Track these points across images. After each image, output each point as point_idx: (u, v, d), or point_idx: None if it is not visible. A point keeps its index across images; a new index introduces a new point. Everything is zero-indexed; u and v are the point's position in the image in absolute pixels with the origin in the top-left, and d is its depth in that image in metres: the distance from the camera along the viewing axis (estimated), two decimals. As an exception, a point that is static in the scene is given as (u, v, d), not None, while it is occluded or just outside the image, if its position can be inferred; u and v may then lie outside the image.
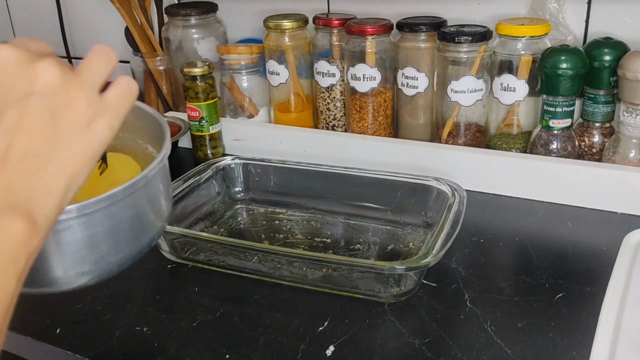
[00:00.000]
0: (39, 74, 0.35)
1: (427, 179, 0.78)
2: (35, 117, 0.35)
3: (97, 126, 0.37)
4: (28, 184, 0.34)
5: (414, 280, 0.65)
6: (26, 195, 0.34)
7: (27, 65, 0.35)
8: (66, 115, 0.36)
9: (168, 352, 0.59)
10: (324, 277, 0.67)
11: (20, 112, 0.35)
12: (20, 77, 0.35)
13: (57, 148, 0.35)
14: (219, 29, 1.13)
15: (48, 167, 0.35)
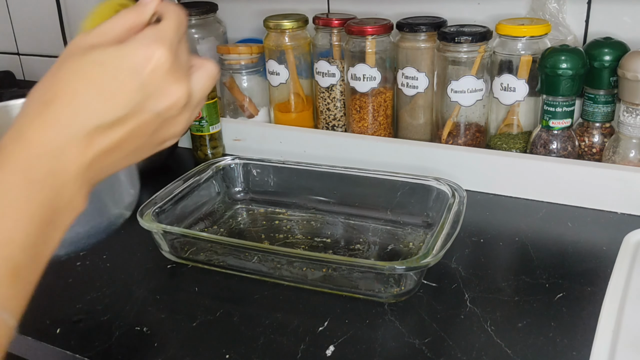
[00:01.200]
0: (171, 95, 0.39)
1: (427, 179, 0.78)
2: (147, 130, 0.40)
3: (167, 144, 0.44)
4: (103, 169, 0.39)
5: (414, 280, 0.65)
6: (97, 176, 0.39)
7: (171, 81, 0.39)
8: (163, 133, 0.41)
9: (168, 352, 0.59)
10: (324, 277, 0.67)
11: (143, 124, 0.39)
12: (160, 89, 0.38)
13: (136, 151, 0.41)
14: (219, 29, 1.13)
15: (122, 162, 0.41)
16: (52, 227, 0.37)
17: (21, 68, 1.49)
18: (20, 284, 0.35)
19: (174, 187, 0.79)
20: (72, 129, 0.37)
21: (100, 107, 0.37)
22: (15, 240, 0.35)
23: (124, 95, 0.37)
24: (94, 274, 0.72)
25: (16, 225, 0.35)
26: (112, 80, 0.37)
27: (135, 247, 0.77)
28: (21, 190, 0.35)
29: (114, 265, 0.74)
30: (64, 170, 0.37)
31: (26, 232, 0.35)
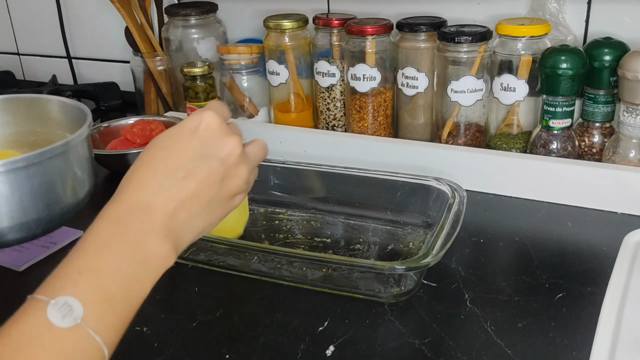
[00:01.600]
0: (227, 144, 0.47)
1: (427, 179, 0.78)
2: (213, 176, 0.46)
3: (237, 200, 0.49)
4: (185, 224, 0.45)
5: (414, 280, 0.65)
6: (180, 230, 0.44)
7: (224, 134, 0.47)
8: (229, 184, 0.47)
9: (168, 352, 0.59)
10: (324, 277, 0.67)
11: (205, 167, 0.45)
12: (216, 141, 0.47)
13: (212, 203, 0.46)
14: (219, 29, 1.13)
15: (201, 217, 0.46)
16: (143, 269, 0.42)
17: (21, 68, 1.49)
18: (113, 314, 0.39)
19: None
20: (153, 185, 0.44)
21: (172, 164, 0.45)
22: (107, 272, 0.39)
23: (189, 150, 0.45)
24: (94, 274, 0.72)
25: (107, 260, 0.40)
26: (177, 143, 0.46)
27: (135, 247, 0.77)
28: (111, 233, 0.41)
29: (114, 265, 0.73)
30: (149, 219, 0.43)
31: (115, 268, 0.40)
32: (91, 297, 0.38)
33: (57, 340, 0.36)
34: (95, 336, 0.38)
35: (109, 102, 1.27)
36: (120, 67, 1.34)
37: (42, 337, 0.36)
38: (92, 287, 0.39)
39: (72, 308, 0.37)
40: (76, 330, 0.37)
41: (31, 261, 0.74)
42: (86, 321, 0.37)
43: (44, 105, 0.75)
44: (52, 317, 0.36)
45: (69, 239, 0.78)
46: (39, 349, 0.36)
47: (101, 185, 0.97)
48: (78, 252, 0.40)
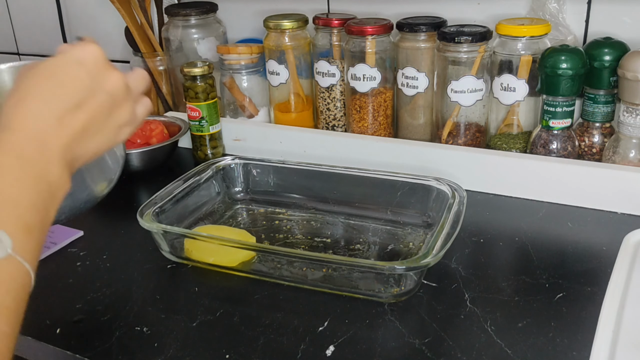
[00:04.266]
0: (111, 78, 0.49)
1: (427, 179, 0.78)
2: (101, 107, 0.48)
3: (124, 132, 0.51)
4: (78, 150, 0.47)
5: (414, 280, 0.65)
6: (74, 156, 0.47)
7: (109, 68, 0.49)
8: (116, 115, 0.49)
9: (168, 352, 0.59)
10: (324, 277, 0.67)
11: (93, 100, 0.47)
12: (102, 75, 0.48)
13: (100, 132, 0.48)
14: (219, 29, 1.13)
15: (91, 142, 0.48)
16: (49, 197, 0.44)
17: (21, 68, 1.49)
18: (33, 241, 0.42)
19: (174, 187, 0.79)
20: (45, 115, 0.45)
21: (62, 95, 0.46)
22: (22, 204, 0.42)
23: (78, 82, 0.47)
24: (94, 274, 0.72)
25: (20, 192, 0.42)
26: (65, 74, 0.47)
27: (135, 247, 0.77)
28: (18, 168, 0.43)
29: (114, 265, 0.74)
30: (47, 150, 0.44)
31: (29, 198, 0.42)
32: (14, 228, 0.41)
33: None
34: (24, 263, 0.41)
35: (109, 102, 1.26)
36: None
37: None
38: (14, 219, 0.41)
39: (1, 240, 0.40)
40: (8, 260, 0.40)
41: (31, 261, 0.74)
42: (15, 250, 0.40)
43: None
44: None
45: (69, 239, 0.78)
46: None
47: (101, 185, 0.97)
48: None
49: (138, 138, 0.97)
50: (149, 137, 0.97)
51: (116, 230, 0.81)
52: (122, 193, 0.94)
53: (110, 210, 0.89)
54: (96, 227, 0.82)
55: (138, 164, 0.94)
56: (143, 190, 0.94)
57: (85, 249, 0.77)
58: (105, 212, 0.89)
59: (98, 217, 0.88)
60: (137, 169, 0.95)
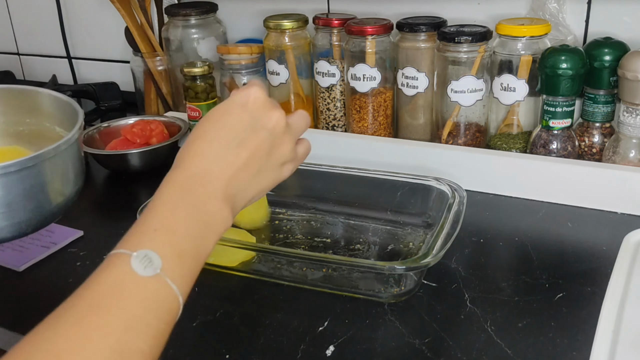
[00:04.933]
0: (273, 117, 0.52)
1: (427, 179, 0.78)
2: (262, 145, 0.51)
3: (287, 168, 0.54)
4: (240, 188, 0.49)
5: (414, 280, 0.65)
6: (236, 194, 0.49)
7: (270, 107, 0.52)
8: (277, 152, 0.52)
9: (168, 352, 0.59)
10: (324, 277, 0.67)
11: (254, 138, 0.50)
12: (263, 114, 0.52)
13: (262, 171, 0.51)
14: (219, 29, 1.13)
15: (254, 180, 0.50)
16: (207, 229, 0.46)
17: (21, 68, 1.49)
18: (184, 268, 0.44)
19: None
20: (209, 154, 0.49)
21: (225, 135, 0.50)
22: (178, 231, 0.44)
23: (240, 122, 0.50)
24: (94, 274, 0.72)
25: (178, 220, 0.45)
26: (229, 116, 0.51)
27: (135, 247, 0.77)
28: (179, 197, 0.46)
29: (114, 265, 0.73)
30: (209, 184, 0.47)
31: (185, 227, 0.45)
32: (166, 251, 0.43)
33: (141, 287, 0.41)
34: (172, 285, 0.42)
35: (109, 102, 1.27)
36: (120, 67, 1.34)
37: (127, 284, 0.41)
38: (167, 242, 0.43)
39: (152, 260, 0.42)
40: (156, 279, 0.42)
41: (31, 261, 0.74)
42: (164, 271, 0.42)
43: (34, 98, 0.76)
44: (135, 267, 0.41)
45: (68, 239, 0.78)
46: (125, 295, 0.40)
47: (101, 185, 0.97)
48: (151, 213, 0.45)
49: (138, 138, 0.97)
50: (149, 137, 0.97)
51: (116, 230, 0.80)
52: (122, 193, 0.94)
53: (110, 210, 0.89)
54: (96, 227, 0.82)
55: (138, 164, 0.94)
56: (143, 190, 0.94)
57: (85, 249, 0.77)
58: (105, 212, 0.90)
59: (98, 217, 0.88)
60: (137, 169, 0.95)
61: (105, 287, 0.41)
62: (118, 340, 0.38)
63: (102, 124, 1.04)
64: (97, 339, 0.38)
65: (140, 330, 0.40)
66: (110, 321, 0.39)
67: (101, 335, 0.38)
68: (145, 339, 0.40)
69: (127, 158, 0.93)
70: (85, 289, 0.41)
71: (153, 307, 0.41)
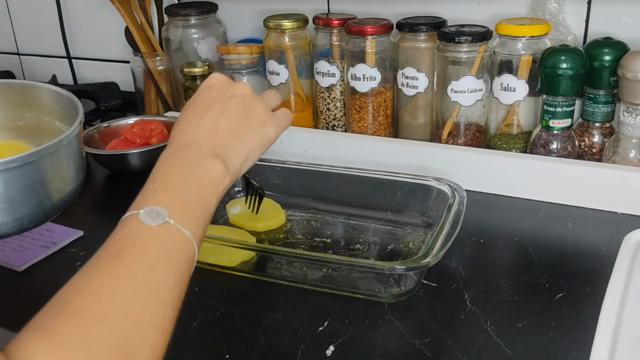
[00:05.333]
0: (238, 87, 0.58)
1: (427, 179, 0.78)
2: (234, 108, 0.56)
3: (269, 126, 0.57)
4: (227, 146, 0.54)
5: (414, 280, 0.65)
6: (225, 152, 0.53)
7: (231, 83, 0.59)
8: (252, 113, 0.57)
9: (168, 352, 0.59)
10: (324, 277, 0.67)
11: (225, 105, 0.56)
12: (227, 87, 0.58)
13: (245, 130, 0.56)
14: (219, 29, 1.13)
15: (239, 139, 0.55)
16: (204, 181, 0.50)
17: (21, 68, 1.49)
18: (191, 215, 0.48)
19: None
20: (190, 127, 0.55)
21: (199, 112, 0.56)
22: (176, 186, 0.49)
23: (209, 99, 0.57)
24: (94, 274, 0.72)
25: (174, 179, 0.49)
26: (199, 98, 0.57)
27: (135, 247, 0.77)
28: (170, 164, 0.51)
29: (114, 265, 0.73)
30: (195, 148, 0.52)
31: (182, 182, 0.49)
32: (170, 203, 0.47)
33: (155, 234, 0.45)
34: (183, 229, 0.46)
35: (109, 102, 1.27)
36: (120, 67, 1.34)
37: (143, 233, 0.45)
38: (169, 196, 0.48)
39: (159, 212, 0.46)
40: (167, 226, 0.46)
41: (31, 261, 0.74)
42: (172, 219, 0.46)
43: (34, 92, 0.76)
44: (145, 220, 0.45)
45: (69, 239, 0.78)
46: (142, 241, 0.45)
47: (101, 185, 0.97)
48: (149, 180, 0.50)
49: (138, 138, 0.97)
50: (149, 137, 0.97)
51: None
52: (122, 193, 0.94)
53: (110, 210, 0.89)
54: (96, 227, 0.82)
55: (138, 164, 0.94)
56: (143, 190, 0.94)
57: (85, 249, 0.77)
58: (105, 212, 0.90)
59: (98, 217, 0.88)
60: (137, 169, 0.95)
61: (124, 240, 0.45)
62: (145, 276, 0.42)
63: (102, 124, 1.04)
64: (126, 276, 0.42)
65: (162, 267, 0.44)
66: (134, 262, 0.43)
67: (128, 274, 0.42)
68: (168, 274, 0.44)
69: (127, 158, 0.93)
70: (106, 245, 0.45)
71: (170, 248, 0.45)
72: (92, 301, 0.40)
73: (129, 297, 0.41)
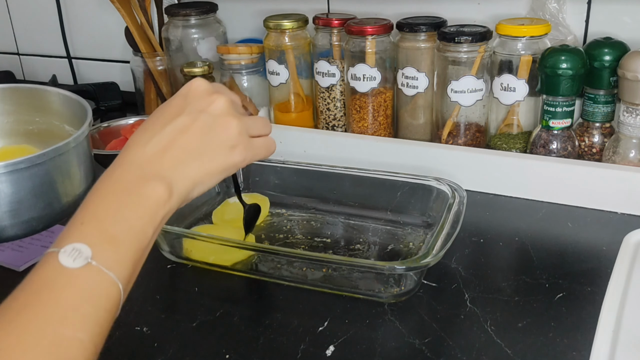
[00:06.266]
0: (214, 101, 0.51)
1: (427, 179, 0.78)
2: (199, 126, 0.50)
3: (236, 151, 0.51)
4: (175, 169, 0.48)
5: (414, 280, 0.65)
6: (172, 175, 0.48)
7: (210, 93, 0.51)
8: (220, 134, 0.50)
9: (168, 352, 0.59)
10: (324, 277, 0.67)
11: (190, 120, 0.50)
12: (202, 99, 0.51)
13: (204, 153, 0.49)
14: (219, 29, 1.13)
15: (192, 163, 0.49)
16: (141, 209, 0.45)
17: (21, 68, 1.49)
18: (119, 252, 0.43)
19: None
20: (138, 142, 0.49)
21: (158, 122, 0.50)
22: (107, 218, 0.44)
23: (173, 109, 0.51)
24: (94, 274, 0.72)
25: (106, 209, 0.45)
26: (167, 106, 0.51)
27: (135, 247, 0.77)
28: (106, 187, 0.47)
29: (114, 265, 0.73)
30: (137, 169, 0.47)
31: (115, 213, 0.44)
32: (97, 239, 0.42)
33: (73, 279, 0.41)
34: (107, 271, 0.42)
35: (109, 102, 1.27)
36: (120, 67, 1.34)
37: (59, 278, 0.41)
38: (96, 231, 0.43)
39: (81, 251, 0.41)
40: (88, 268, 0.41)
41: (31, 261, 0.74)
42: (95, 260, 0.41)
43: (43, 96, 0.76)
44: (63, 262, 0.41)
45: (69, 239, 0.78)
46: (58, 288, 0.40)
47: (101, 185, 0.97)
48: (80, 209, 0.45)
49: (138, 138, 0.97)
50: (149, 137, 0.97)
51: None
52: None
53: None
54: (96, 227, 0.82)
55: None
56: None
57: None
58: (105, 212, 0.89)
59: (98, 217, 0.87)
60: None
61: (38, 285, 0.41)
62: (54, 334, 0.39)
63: (102, 124, 1.04)
64: (33, 333, 0.38)
65: (76, 320, 0.40)
66: (44, 315, 0.39)
67: (37, 330, 0.38)
68: (83, 328, 0.40)
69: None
70: (19, 290, 0.41)
71: (89, 297, 0.41)
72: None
73: None
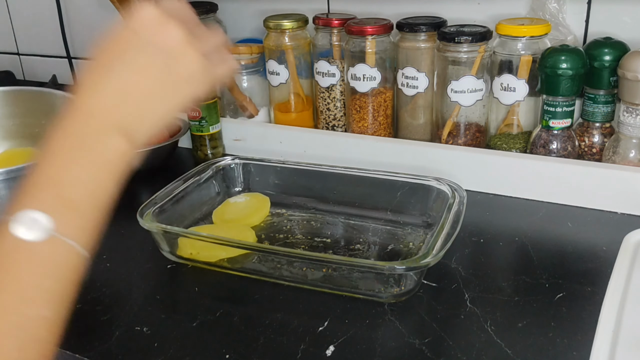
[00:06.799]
0: (169, 32, 0.45)
1: (427, 179, 0.78)
2: (157, 65, 0.44)
3: (198, 84, 0.47)
4: (134, 116, 0.44)
5: (414, 280, 0.65)
6: (132, 124, 0.44)
7: (164, 23, 0.45)
8: (179, 69, 0.45)
9: (168, 352, 0.59)
10: (324, 277, 0.67)
11: (146, 59, 0.44)
12: (154, 31, 0.45)
13: (164, 95, 0.45)
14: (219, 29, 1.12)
15: (152, 106, 0.45)
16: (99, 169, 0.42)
17: (21, 68, 1.49)
18: (81, 218, 0.41)
19: (174, 187, 0.79)
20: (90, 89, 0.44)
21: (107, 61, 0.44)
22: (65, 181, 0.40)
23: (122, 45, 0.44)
24: (94, 274, 0.72)
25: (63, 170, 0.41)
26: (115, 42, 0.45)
27: (135, 247, 0.77)
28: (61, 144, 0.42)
29: (114, 265, 0.74)
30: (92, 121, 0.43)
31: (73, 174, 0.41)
32: (55, 206, 0.39)
33: (33, 253, 0.37)
34: (69, 241, 0.39)
35: (109, 102, 1.27)
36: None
37: (17, 253, 0.37)
38: (52, 196, 0.39)
39: (37, 220, 0.38)
40: (50, 241, 0.38)
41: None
42: (58, 230, 0.38)
43: (49, 99, 0.76)
44: (20, 233, 0.37)
45: (69, 239, 0.78)
46: (17, 265, 0.37)
47: (101, 185, 0.97)
48: (35, 169, 0.41)
49: (138, 138, 0.97)
50: (149, 137, 0.97)
51: (116, 230, 0.81)
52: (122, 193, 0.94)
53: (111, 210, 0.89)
54: (96, 227, 0.82)
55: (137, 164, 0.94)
56: (143, 190, 0.94)
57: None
58: (105, 212, 0.89)
59: (98, 217, 0.87)
60: (137, 169, 0.95)
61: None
62: (17, 314, 0.36)
63: (102, 124, 1.04)
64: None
65: (39, 297, 0.37)
66: (5, 296, 0.37)
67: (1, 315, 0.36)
68: (46, 305, 0.38)
69: (127, 158, 0.93)
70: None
71: (50, 271, 0.38)
72: None
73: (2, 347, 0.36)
